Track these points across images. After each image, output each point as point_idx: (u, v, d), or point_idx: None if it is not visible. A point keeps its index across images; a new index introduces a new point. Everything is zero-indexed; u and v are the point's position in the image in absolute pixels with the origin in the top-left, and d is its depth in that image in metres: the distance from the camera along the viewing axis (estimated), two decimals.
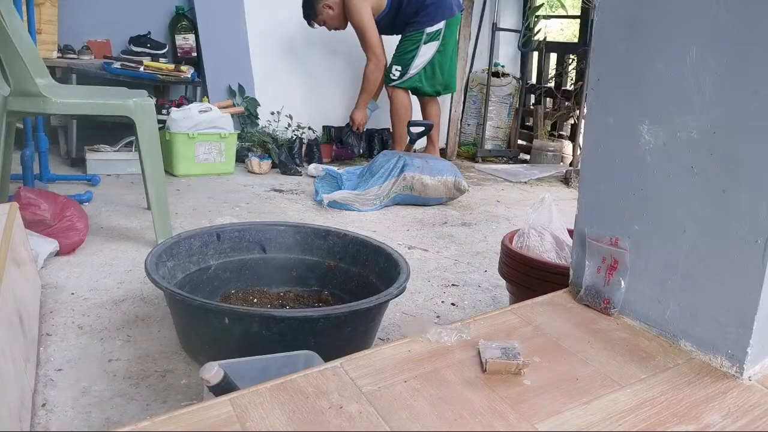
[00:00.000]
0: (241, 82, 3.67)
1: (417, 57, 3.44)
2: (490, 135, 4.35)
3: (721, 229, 0.91)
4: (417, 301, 1.81)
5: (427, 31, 3.42)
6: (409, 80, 3.49)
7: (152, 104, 2.06)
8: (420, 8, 3.40)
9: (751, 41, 0.85)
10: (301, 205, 2.78)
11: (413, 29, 3.43)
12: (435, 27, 3.41)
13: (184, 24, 3.67)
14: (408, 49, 3.45)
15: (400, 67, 3.47)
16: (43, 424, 1.12)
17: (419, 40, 3.43)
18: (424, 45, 3.43)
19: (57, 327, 1.49)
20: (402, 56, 3.48)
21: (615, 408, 0.81)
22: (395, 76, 3.48)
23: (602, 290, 1.08)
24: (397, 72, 3.48)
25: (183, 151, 3.14)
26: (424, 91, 3.57)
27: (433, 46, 3.45)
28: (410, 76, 3.47)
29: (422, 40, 3.42)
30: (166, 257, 1.48)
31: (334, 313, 1.27)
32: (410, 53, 3.45)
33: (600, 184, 1.10)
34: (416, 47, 3.43)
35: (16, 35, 1.83)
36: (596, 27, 1.09)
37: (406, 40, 3.48)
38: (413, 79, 3.49)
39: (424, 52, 3.44)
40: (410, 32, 3.45)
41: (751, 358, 0.89)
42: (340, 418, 0.76)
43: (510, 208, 3.03)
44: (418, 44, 3.43)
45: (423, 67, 3.48)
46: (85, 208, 2.23)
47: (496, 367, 0.87)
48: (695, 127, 0.93)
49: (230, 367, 0.94)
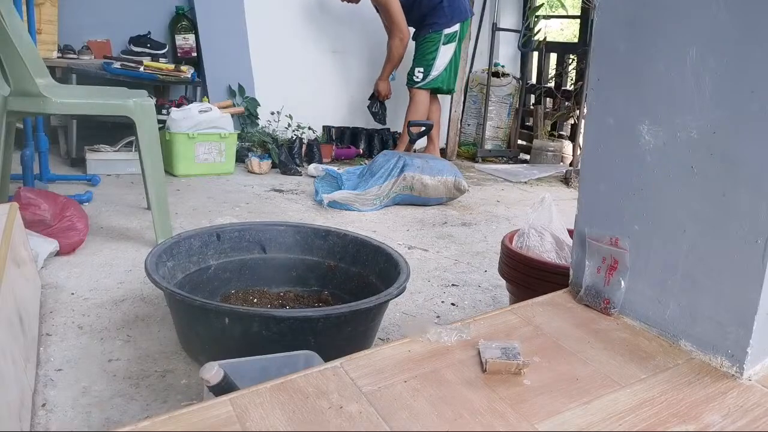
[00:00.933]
0: (241, 82, 3.67)
1: (438, 58, 3.51)
2: (490, 135, 4.35)
3: (721, 229, 0.91)
4: (417, 301, 1.81)
5: (445, 33, 3.48)
6: (431, 81, 3.56)
7: (152, 104, 2.06)
8: (436, 7, 3.44)
9: (751, 41, 0.85)
10: (301, 205, 2.78)
11: (431, 30, 3.50)
12: (452, 29, 3.49)
13: (184, 24, 3.67)
14: (429, 50, 3.52)
15: (423, 69, 3.54)
16: (43, 424, 1.12)
17: (438, 41, 3.49)
18: (444, 46, 3.50)
19: (57, 327, 1.49)
20: (423, 58, 3.54)
21: (615, 408, 0.81)
22: (418, 78, 3.55)
23: (602, 290, 1.08)
24: (420, 74, 3.54)
25: (183, 151, 3.14)
26: (444, 91, 3.68)
27: (451, 47, 3.54)
28: (433, 77, 3.55)
29: (441, 41, 3.49)
30: (166, 257, 1.48)
31: (334, 313, 1.27)
32: (431, 54, 3.52)
33: (600, 184, 1.10)
34: (436, 48, 3.50)
35: (16, 35, 1.83)
36: (596, 27, 1.09)
37: (425, 41, 3.53)
38: (436, 80, 3.57)
39: (444, 53, 3.52)
40: (428, 34, 3.51)
41: (751, 358, 0.89)
42: (340, 418, 0.76)
43: (510, 208, 3.03)
44: (438, 45, 3.49)
45: (444, 68, 3.56)
46: (85, 208, 2.23)
47: (496, 367, 0.87)
48: (695, 127, 0.93)
49: (230, 367, 0.94)
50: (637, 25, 1.01)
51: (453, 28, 3.49)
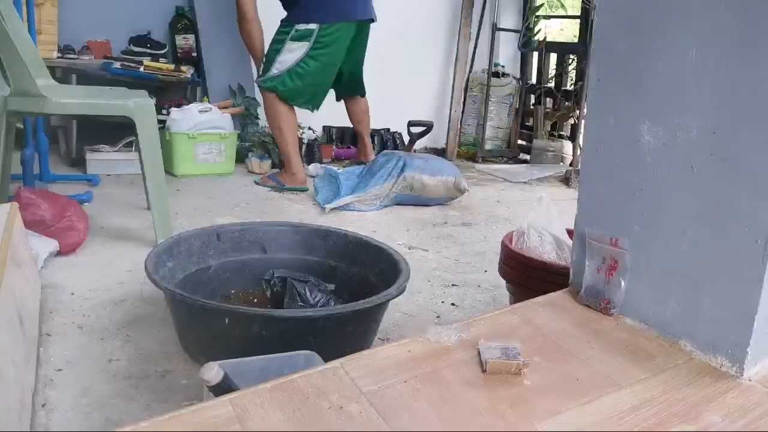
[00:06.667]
0: (241, 82, 3.67)
1: (281, 53, 2.93)
2: (490, 135, 4.35)
3: (721, 230, 0.91)
4: (417, 301, 1.81)
5: (297, 28, 2.90)
6: (271, 81, 2.96)
7: (152, 104, 2.05)
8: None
9: (751, 41, 0.85)
10: (302, 205, 2.78)
11: (285, 21, 2.97)
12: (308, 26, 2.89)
13: (184, 24, 3.67)
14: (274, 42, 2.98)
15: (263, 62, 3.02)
16: (43, 424, 1.12)
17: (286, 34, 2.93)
18: (292, 42, 2.91)
19: (57, 327, 1.49)
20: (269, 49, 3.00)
21: (615, 408, 0.81)
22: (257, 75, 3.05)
23: (602, 290, 1.08)
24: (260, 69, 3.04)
25: (183, 151, 3.14)
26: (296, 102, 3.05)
27: (302, 46, 2.91)
28: (272, 75, 2.95)
29: (290, 35, 2.92)
30: (166, 257, 1.48)
31: (335, 313, 1.27)
32: (275, 46, 2.97)
33: (600, 184, 1.10)
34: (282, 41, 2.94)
35: (16, 35, 1.83)
36: (596, 27, 1.09)
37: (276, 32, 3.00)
38: (277, 81, 2.95)
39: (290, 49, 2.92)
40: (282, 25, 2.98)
41: (751, 358, 0.89)
42: (340, 418, 0.76)
43: (510, 208, 3.03)
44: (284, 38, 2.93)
45: (288, 70, 2.94)
46: (85, 208, 2.23)
47: (496, 368, 0.87)
48: (695, 127, 0.93)
49: (230, 367, 0.94)
50: (637, 25, 1.01)
51: (309, 25, 2.88)
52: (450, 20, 4.37)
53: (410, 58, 3.59)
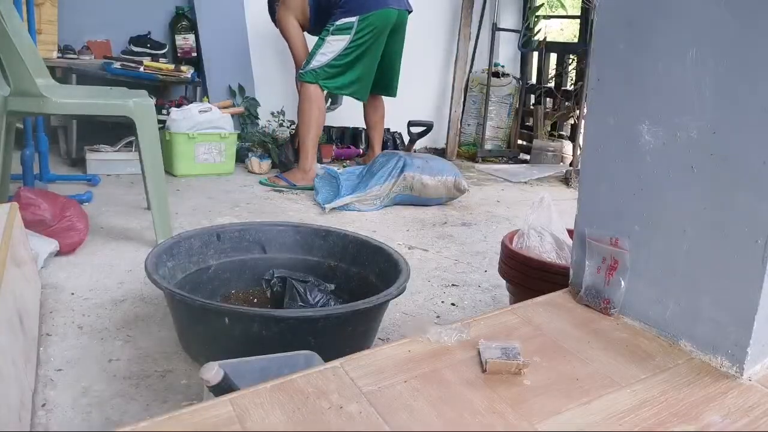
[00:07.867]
0: (241, 82, 3.67)
1: (322, 46, 3.08)
2: (490, 135, 4.35)
3: (721, 229, 0.91)
4: (417, 301, 1.81)
5: (337, 24, 3.06)
6: (312, 74, 3.08)
7: (152, 104, 2.05)
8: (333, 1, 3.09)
9: (751, 41, 0.85)
10: (301, 205, 2.78)
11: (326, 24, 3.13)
12: (346, 20, 3.04)
13: (184, 24, 3.67)
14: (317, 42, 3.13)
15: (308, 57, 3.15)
16: (43, 424, 1.12)
17: (328, 31, 3.09)
18: (331, 36, 3.06)
19: (57, 327, 1.49)
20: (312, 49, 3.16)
21: (615, 408, 0.81)
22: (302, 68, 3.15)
23: (602, 290, 1.08)
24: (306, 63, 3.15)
25: (183, 151, 3.14)
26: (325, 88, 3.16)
27: (342, 39, 3.05)
28: (312, 68, 3.08)
29: (330, 31, 3.07)
30: (166, 257, 1.48)
31: (335, 313, 1.27)
32: (317, 42, 3.12)
33: (600, 184, 1.10)
34: (322, 38, 3.09)
35: (16, 35, 1.83)
36: (596, 27, 1.09)
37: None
38: (318, 74, 3.07)
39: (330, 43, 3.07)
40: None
41: (751, 358, 0.89)
42: (340, 418, 0.76)
43: (510, 208, 3.03)
44: (325, 36, 3.08)
45: (328, 62, 3.06)
46: (85, 208, 2.23)
47: (496, 367, 0.87)
48: (695, 127, 0.93)
49: (230, 367, 0.94)
50: (637, 25, 1.01)
51: (347, 19, 3.03)
52: (450, 20, 4.38)
53: (410, 58, 3.58)
